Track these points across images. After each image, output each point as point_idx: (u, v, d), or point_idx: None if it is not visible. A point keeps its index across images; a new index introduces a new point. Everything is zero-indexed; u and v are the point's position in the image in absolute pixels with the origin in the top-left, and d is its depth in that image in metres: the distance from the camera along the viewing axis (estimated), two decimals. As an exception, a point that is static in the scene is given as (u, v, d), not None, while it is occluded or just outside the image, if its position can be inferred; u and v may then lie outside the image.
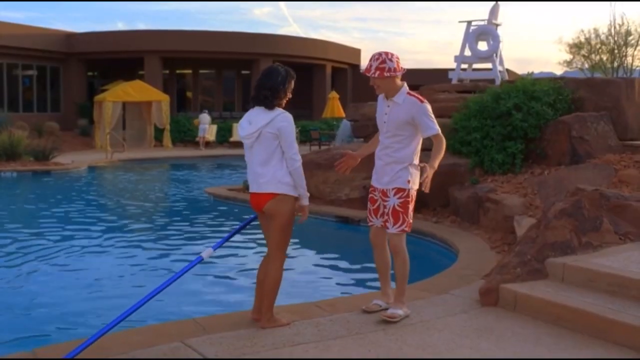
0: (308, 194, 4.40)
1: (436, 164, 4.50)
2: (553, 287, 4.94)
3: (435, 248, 7.86)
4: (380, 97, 4.70)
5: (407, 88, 4.58)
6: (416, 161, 4.60)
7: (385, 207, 4.60)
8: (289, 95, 4.39)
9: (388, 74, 4.45)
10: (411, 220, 4.61)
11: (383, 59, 4.46)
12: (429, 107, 4.52)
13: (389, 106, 4.57)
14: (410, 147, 4.56)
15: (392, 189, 4.54)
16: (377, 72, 4.45)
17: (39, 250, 8.08)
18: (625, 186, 7.34)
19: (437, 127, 4.52)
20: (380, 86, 4.54)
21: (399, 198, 4.53)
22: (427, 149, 4.63)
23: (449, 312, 4.86)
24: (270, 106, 4.27)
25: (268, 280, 4.33)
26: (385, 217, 4.59)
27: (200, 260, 4.33)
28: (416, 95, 4.53)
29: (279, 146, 4.25)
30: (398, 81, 4.55)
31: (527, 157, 9.03)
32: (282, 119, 4.24)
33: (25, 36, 26.78)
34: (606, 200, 6.08)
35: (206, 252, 4.38)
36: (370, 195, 4.78)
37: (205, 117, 26.47)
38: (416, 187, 4.60)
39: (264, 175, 4.27)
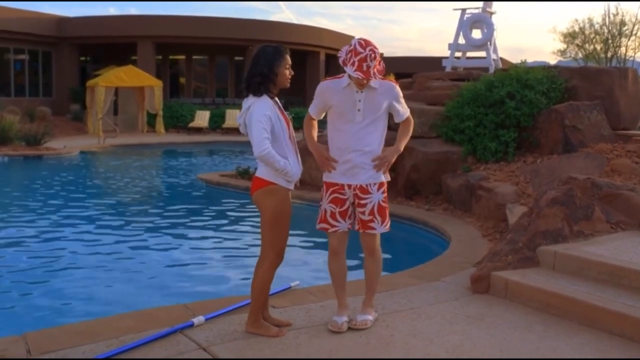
0: (287, 170, 3.90)
1: (402, 146, 4.22)
2: (544, 275, 4.96)
3: (427, 235, 7.87)
4: (336, 84, 4.12)
5: None
6: None
7: (362, 205, 4.11)
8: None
9: (381, 68, 4.02)
10: None
11: (379, 59, 3.94)
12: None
13: (361, 92, 4.03)
14: (382, 135, 4.18)
15: (374, 184, 4.10)
16: (378, 75, 4.00)
17: (30, 234, 8.06)
18: (617, 175, 7.36)
19: (407, 108, 4.27)
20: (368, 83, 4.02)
21: (382, 193, 4.14)
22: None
23: (440, 299, 4.88)
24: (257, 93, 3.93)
25: (254, 281, 4.00)
26: (369, 217, 4.11)
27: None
28: (386, 78, 4.19)
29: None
30: None
31: (520, 145, 9.04)
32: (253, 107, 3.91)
33: (16, 20, 26.53)
34: (598, 189, 6.10)
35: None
36: (333, 195, 4.14)
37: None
38: None
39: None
